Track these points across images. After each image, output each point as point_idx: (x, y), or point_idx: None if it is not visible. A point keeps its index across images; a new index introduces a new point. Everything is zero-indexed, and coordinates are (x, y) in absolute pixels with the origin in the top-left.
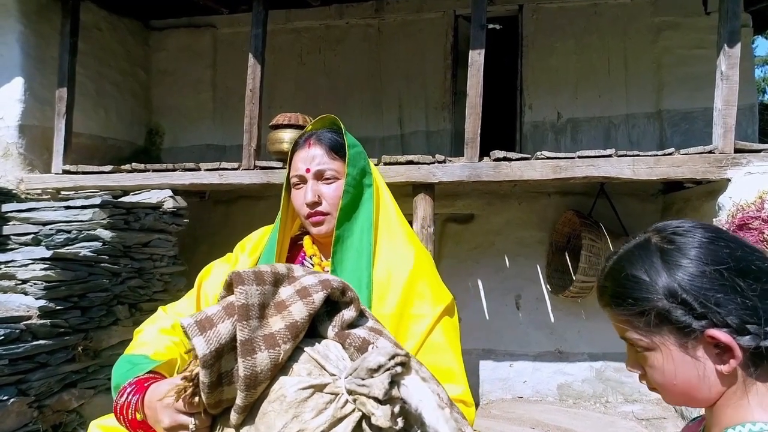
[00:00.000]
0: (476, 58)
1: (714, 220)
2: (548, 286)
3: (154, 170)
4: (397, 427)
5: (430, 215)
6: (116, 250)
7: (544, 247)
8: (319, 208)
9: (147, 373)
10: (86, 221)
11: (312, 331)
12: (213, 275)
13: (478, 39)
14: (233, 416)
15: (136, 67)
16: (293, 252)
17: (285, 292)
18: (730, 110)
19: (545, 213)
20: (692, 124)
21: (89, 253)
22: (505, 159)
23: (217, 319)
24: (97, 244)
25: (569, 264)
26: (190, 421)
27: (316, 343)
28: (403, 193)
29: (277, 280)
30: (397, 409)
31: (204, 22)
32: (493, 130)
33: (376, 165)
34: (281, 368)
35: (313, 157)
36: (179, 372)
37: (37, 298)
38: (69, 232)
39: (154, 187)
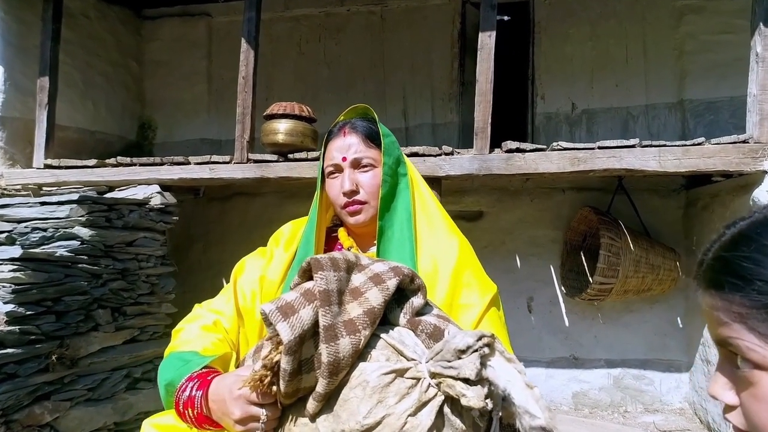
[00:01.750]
0: (486, 41)
1: None
2: (563, 288)
3: (141, 164)
4: (488, 408)
5: None
6: (96, 250)
7: (558, 247)
8: (357, 197)
9: (203, 368)
10: (63, 219)
11: (382, 318)
12: (247, 271)
13: (488, 20)
14: (311, 404)
15: (127, 57)
16: (329, 244)
17: (357, 279)
18: (766, 95)
19: (559, 210)
20: (717, 114)
21: (66, 253)
22: (518, 150)
23: (297, 305)
24: (75, 244)
25: (585, 264)
26: (262, 413)
27: (390, 330)
28: None
29: (349, 267)
30: (486, 389)
31: (198, 10)
32: (503, 122)
33: None
34: (359, 354)
35: (349, 146)
36: (237, 365)
37: (4, 303)
38: (45, 230)
39: (141, 182)
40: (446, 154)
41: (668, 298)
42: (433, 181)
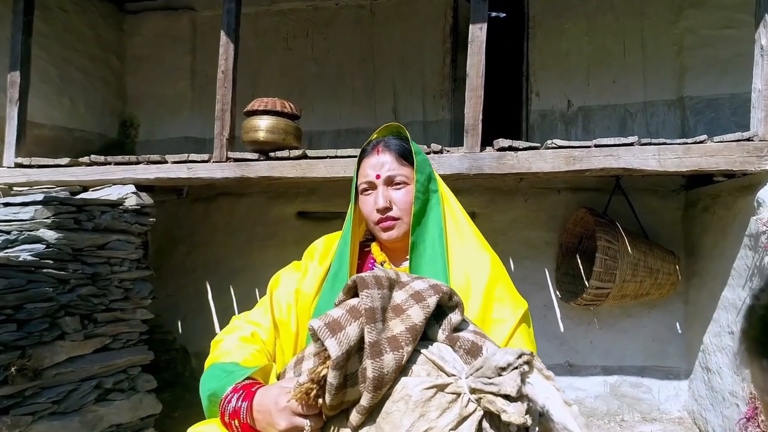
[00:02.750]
0: (477, 33)
1: (753, 219)
2: (557, 292)
3: (116, 163)
4: (528, 424)
5: None
6: (63, 254)
7: (553, 249)
8: (390, 213)
9: (245, 379)
10: (27, 221)
11: (422, 334)
12: (282, 284)
13: (479, 12)
14: (354, 417)
15: (108, 52)
16: (362, 258)
17: (399, 296)
18: None
19: (554, 211)
20: (718, 112)
21: (30, 257)
22: (510, 149)
23: (344, 322)
24: (40, 247)
25: (581, 268)
26: (306, 423)
27: (429, 346)
28: None
29: (392, 285)
30: (526, 405)
31: (182, 4)
32: (495, 120)
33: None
34: (402, 369)
35: (382, 164)
36: (278, 377)
37: None
38: (8, 233)
39: (116, 182)
40: (435, 152)
41: (667, 303)
42: None
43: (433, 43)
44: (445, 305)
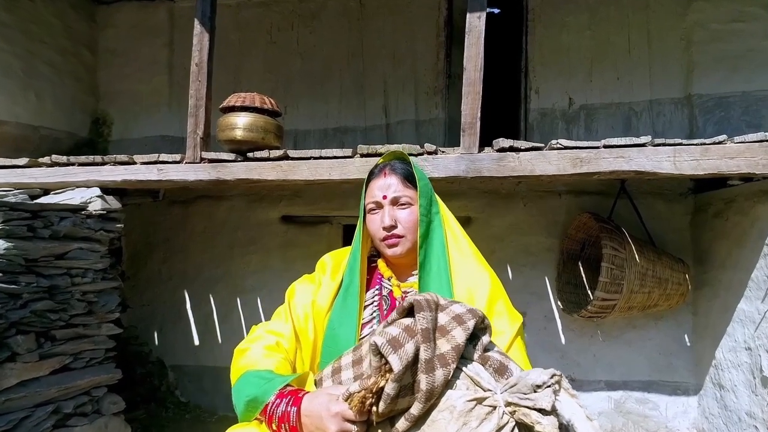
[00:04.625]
0: (475, 22)
1: None
2: (559, 303)
3: (80, 164)
4: None
5: None
6: (14, 265)
7: (554, 256)
8: (395, 231)
9: (286, 385)
10: None
11: None
12: (298, 294)
13: None
14: (403, 424)
15: (79, 45)
16: (369, 274)
17: (442, 318)
18: None
19: (555, 216)
20: (728, 111)
21: None
22: (511, 149)
23: (402, 340)
24: None
25: (584, 276)
26: (354, 429)
27: (468, 364)
28: None
29: (437, 308)
30: (557, 419)
31: None
32: (493, 119)
33: (350, 156)
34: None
35: (389, 185)
36: (316, 385)
37: None
38: None
39: (80, 184)
40: (429, 153)
41: (675, 314)
42: None
43: (426, 36)
44: (478, 327)
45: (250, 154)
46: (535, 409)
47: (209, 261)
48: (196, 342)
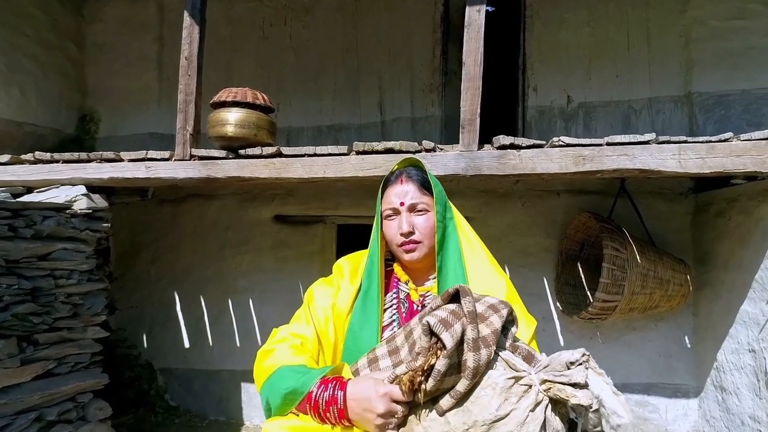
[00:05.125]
0: (475, 16)
1: None
2: (558, 304)
3: (65, 161)
4: (594, 406)
5: None
6: None
7: (553, 257)
8: (413, 237)
9: (324, 375)
10: None
11: None
12: (318, 297)
13: None
14: (447, 401)
15: (65, 40)
16: (387, 278)
17: (479, 307)
18: None
19: (554, 215)
20: (728, 109)
21: None
22: (512, 146)
23: (451, 321)
24: None
25: (583, 277)
26: (399, 409)
27: (501, 351)
28: None
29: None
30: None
31: None
32: (491, 116)
33: (346, 154)
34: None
35: (406, 192)
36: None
37: None
38: None
39: (65, 182)
40: (427, 150)
41: (675, 315)
42: None
43: (422, 32)
44: (507, 319)
45: (241, 151)
46: (569, 385)
47: (200, 261)
48: (186, 344)
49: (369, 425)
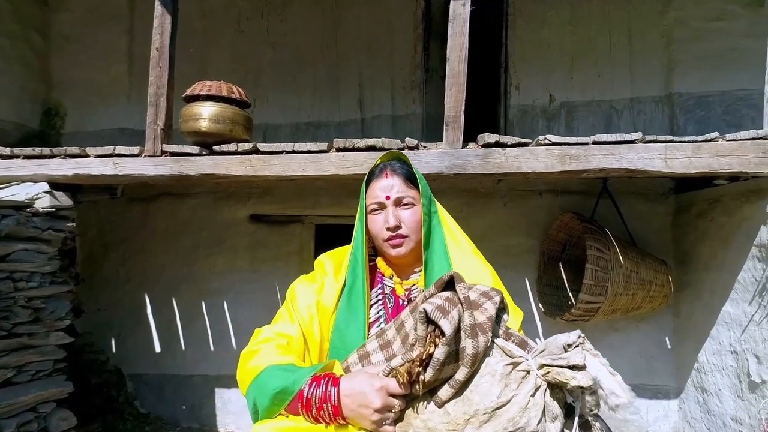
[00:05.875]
0: (459, 10)
1: (764, 228)
2: (540, 306)
3: (26, 156)
4: (593, 387)
5: None
6: None
7: (535, 258)
8: (400, 231)
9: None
10: None
11: None
12: (300, 296)
13: None
14: (446, 391)
15: (29, 30)
16: (371, 273)
17: (472, 294)
18: None
19: (536, 216)
20: (709, 110)
21: None
22: (497, 145)
23: (448, 308)
24: None
25: (565, 278)
26: (396, 403)
27: (496, 338)
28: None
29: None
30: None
31: None
32: (471, 115)
33: (325, 151)
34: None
35: (391, 186)
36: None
37: None
38: None
39: (26, 179)
40: (410, 148)
41: (656, 316)
42: None
43: (404, 29)
44: (499, 306)
45: (216, 148)
46: (567, 367)
47: (172, 262)
48: (158, 349)
49: (365, 421)
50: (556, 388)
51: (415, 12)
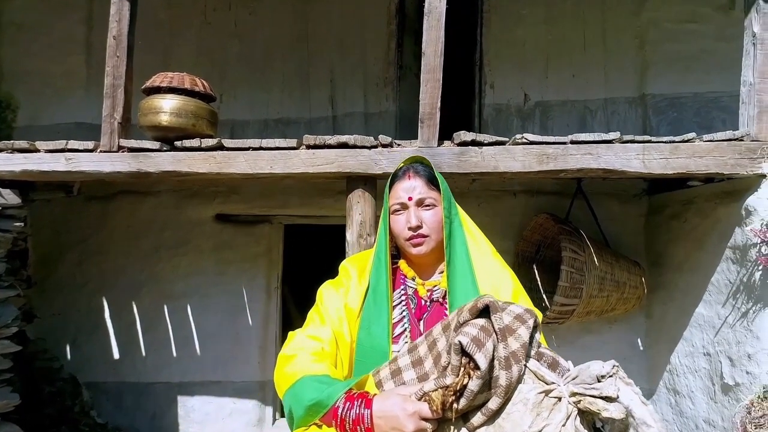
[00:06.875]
0: (435, 3)
1: (739, 229)
2: None
3: None
4: (626, 420)
5: (371, 219)
6: None
7: (509, 259)
8: (421, 231)
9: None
10: None
11: None
12: (328, 299)
13: None
14: (479, 418)
15: None
16: (393, 275)
17: (506, 318)
18: (766, 84)
19: (510, 216)
20: (681, 111)
21: None
22: (473, 143)
23: (482, 339)
24: None
25: (539, 280)
26: (429, 427)
27: (528, 360)
28: (333, 188)
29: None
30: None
31: None
32: (445, 113)
33: (295, 148)
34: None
35: (414, 187)
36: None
37: None
38: None
39: None
40: (384, 146)
41: (628, 318)
42: (366, 181)
43: (377, 24)
44: (531, 330)
45: (177, 143)
46: (600, 398)
47: (132, 264)
48: (116, 355)
49: None
50: (586, 413)
51: (389, 7)
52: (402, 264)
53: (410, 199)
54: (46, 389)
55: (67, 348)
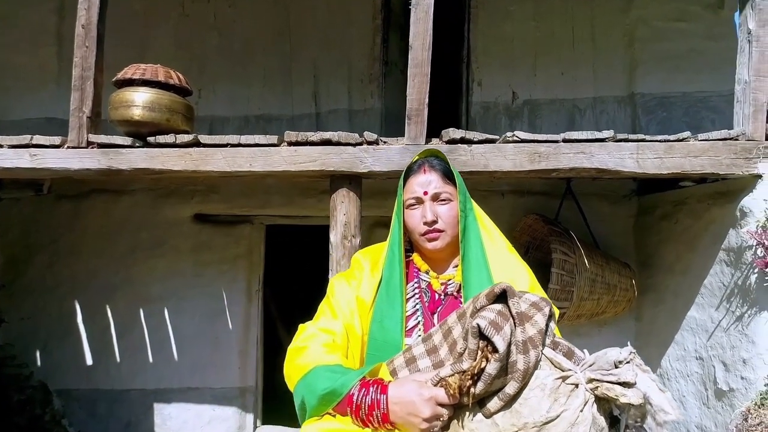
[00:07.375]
0: None
1: (733, 231)
2: None
3: None
4: (640, 403)
5: (356, 220)
6: None
7: None
8: (436, 226)
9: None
10: None
11: None
12: (339, 291)
13: None
14: (495, 403)
15: None
16: (406, 268)
17: (522, 305)
18: (762, 83)
19: (498, 217)
20: (670, 111)
21: None
22: (462, 141)
23: (500, 323)
24: None
25: None
26: (444, 412)
27: (544, 348)
28: (316, 187)
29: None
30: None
31: None
32: (431, 111)
33: (276, 145)
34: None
35: (429, 182)
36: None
37: None
38: None
39: None
40: (369, 143)
41: (618, 321)
42: (351, 179)
43: (362, 19)
44: (547, 317)
45: (151, 139)
46: (618, 384)
47: (106, 266)
48: (89, 361)
49: (413, 429)
50: (602, 400)
51: (374, 1)
52: (416, 257)
53: (426, 193)
54: (15, 397)
55: (38, 354)
